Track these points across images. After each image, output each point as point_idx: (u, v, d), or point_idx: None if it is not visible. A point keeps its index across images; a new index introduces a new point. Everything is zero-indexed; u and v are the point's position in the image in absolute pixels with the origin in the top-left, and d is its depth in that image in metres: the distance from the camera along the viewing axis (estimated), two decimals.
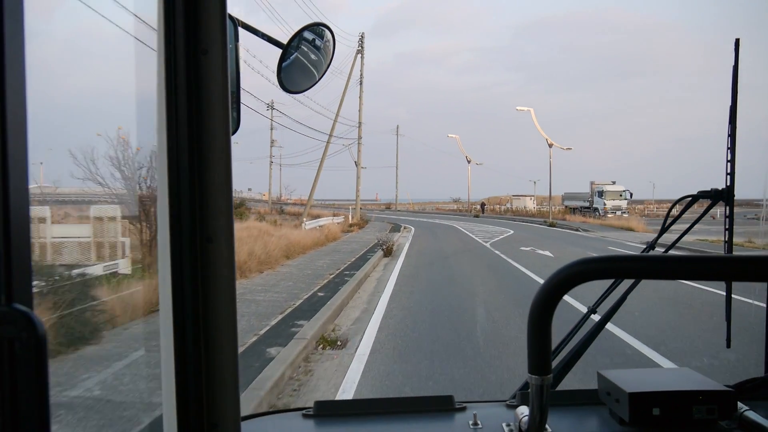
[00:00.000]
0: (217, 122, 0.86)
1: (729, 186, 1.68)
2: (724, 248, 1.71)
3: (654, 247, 1.84)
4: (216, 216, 0.86)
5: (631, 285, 1.75)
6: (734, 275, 0.85)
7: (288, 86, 1.44)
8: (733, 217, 1.70)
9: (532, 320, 0.84)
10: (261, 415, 1.41)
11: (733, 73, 1.66)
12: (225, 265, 0.87)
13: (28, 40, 0.57)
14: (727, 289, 1.75)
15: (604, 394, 1.32)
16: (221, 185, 0.86)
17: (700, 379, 1.30)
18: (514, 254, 17.91)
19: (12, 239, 0.55)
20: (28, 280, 0.57)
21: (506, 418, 1.29)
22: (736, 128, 1.67)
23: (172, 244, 0.85)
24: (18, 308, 0.54)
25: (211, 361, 0.86)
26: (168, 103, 0.84)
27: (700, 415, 1.20)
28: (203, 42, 0.85)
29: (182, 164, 0.85)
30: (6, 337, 0.53)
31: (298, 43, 1.45)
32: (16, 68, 0.56)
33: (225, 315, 0.86)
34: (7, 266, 0.55)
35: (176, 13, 0.84)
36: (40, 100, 14.16)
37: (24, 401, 0.54)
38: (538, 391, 0.88)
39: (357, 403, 1.41)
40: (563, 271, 0.83)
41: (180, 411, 0.85)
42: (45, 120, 16.43)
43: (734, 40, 1.66)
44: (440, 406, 1.38)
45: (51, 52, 27.59)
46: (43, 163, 11.38)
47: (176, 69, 0.84)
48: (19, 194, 0.56)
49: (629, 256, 0.84)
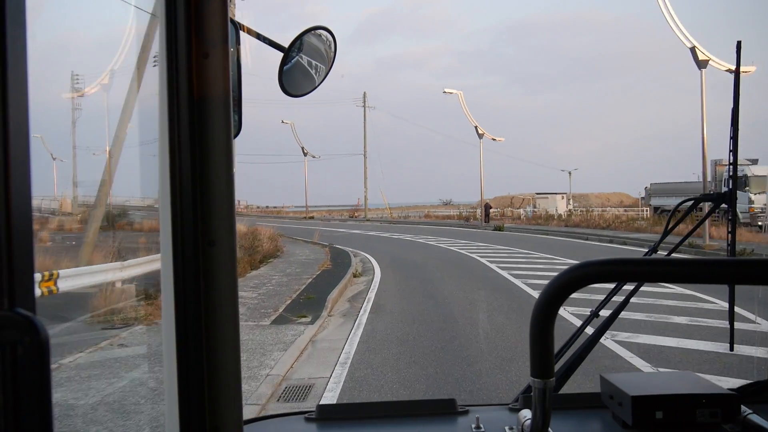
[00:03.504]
0: (218, 126, 0.86)
1: (731, 189, 1.67)
2: (727, 251, 1.71)
3: (656, 250, 1.83)
4: (218, 220, 0.86)
5: (634, 288, 1.75)
6: (737, 278, 0.85)
7: (289, 89, 1.45)
8: (735, 219, 1.69)
9: (535, 323, 0.84)
10: (263, 418, 1.40)
11: (735, 76, 1.66)
12: (227, 269, 0.86)
13: (30, 43, 0.57)
14: (730, 292, 1.75)
15: (606, 398, 1.31)
16: (223, 189, 0.86)
17: (704, 382, 1.30)
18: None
19: (14, 243, 0.55)
20: (31, 285, 0.57)
21: (509, 422, 1.29)
22: (738, 131, 1.67)
23: (174, 248, 0.85)
24: (20, 313, 0.54)
25: (213, 365, 0.86)
26: (170, 106, 0.85)
27: (704, 418, 1.20)
28: (205, 45, 0.85)
29: (184, 168, 0.85)
30: (9, 342, 0.53)
31: (300, 47, 1.45)
32: (19, 70, 0.56)
33: (227, 319, 0.86)
34: (9, 270, 0.55)
35: (178, 16, 0.84)
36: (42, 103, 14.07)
37: (26, 406, 0.54)
38: (540, 395, 0.88)
39: (359, 406, 1.41)
40: (565, 274, 0.83)
41: (182, 414, 0.85)
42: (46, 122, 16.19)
43: (736, 42, 1.66)
44: (442, 409, 1.38)
45: (52, 54, 27.68)
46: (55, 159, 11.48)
47: (178, 72, 0.84)
48: (22, 197, 0.56)
49: (632, 260, 0.84)
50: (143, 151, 8.17)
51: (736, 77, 1.65)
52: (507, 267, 15.01)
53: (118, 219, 21.86)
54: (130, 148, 12.17)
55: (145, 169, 6.87)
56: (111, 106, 28.59)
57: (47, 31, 25.49)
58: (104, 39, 28.18)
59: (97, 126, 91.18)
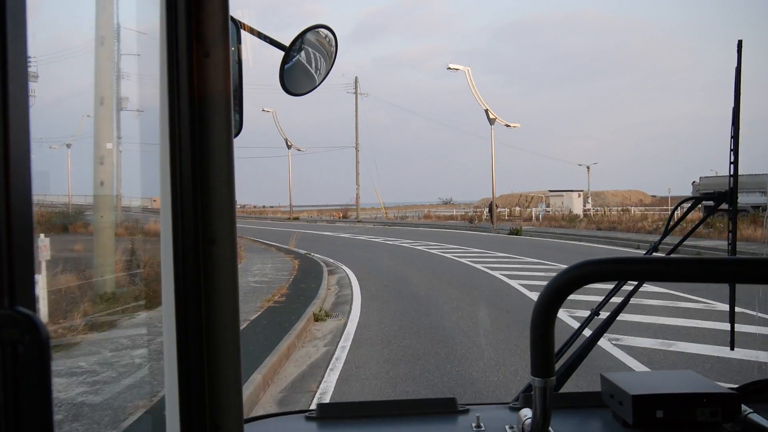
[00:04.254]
0: (219, 125, 0.86)
1: (732, 188, 1.67)
2: (728, 250, 1.71)
3: (657, 249, 1.83)
4: (218, 218, 0.86)
5: (634, 287, 1.75)
6: (738, 277, 0.85)
7: (290, 88, 1.45)
8: (736, 219, 1.69)
9: (535, 322, 0.84)
10: (264, 417, 1.41)
11: (736, 75, 1.66)
12: (227, 268, 0.87)
13: (30, 43, 0.57)
14: (730, 291, 1.75)
15: (607, 397, 1.31)
16: (224, 188, 0.86)
17: (704, 381, 1.30)
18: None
19: (14, 241, 0.55)
20: (31, 283, 0.57)
21: (509, 421, 1.29)
22: (739, 130, 1.67)
23: (175, 247, 0.85)
24: (21, 311, 0.54)
25: (213, 364, 0.86)
26: (170, 105, 0.85)
27: (704, 417, 1.20)
28: (205, 45, 0.85)
29: (184, 167, 0.85)
30: (9, 340, 0.53)
31: (300, 45, 1.45)
32: (19, 70, 0.56)
33: (228, 318, 0.86)
34: (9, 269, 0.55)
35: (178, 15, 0.84)
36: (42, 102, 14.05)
37: (27, 404, 0.54)
38: (541, 394, 0.88)
39: (360, 405, 1.41)
40: (566, 273, 0.83)
41: (183, 413, 0.85)
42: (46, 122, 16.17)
43: (737, 41, 1.66)
44: (443, 408, 1.38)
45: (53, 55, 27.80)
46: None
47: (178, 72, 0.84)
48: (22, 197, 0.56)
49: (633, 258, 0.84)
50: (143, 151, 8.17)
51: (736, 77, 1.65)
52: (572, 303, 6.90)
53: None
54: (130, 148, 12.13)
55: (145, 169, 6.87)
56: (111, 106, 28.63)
57: (46, 29, 25.69)
58: (103, 37, 28.65)
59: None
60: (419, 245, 22.10)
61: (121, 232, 15.81)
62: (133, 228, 17.72)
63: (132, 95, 20.11)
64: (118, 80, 17.94)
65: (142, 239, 14.17)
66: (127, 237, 14.26)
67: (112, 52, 10.25)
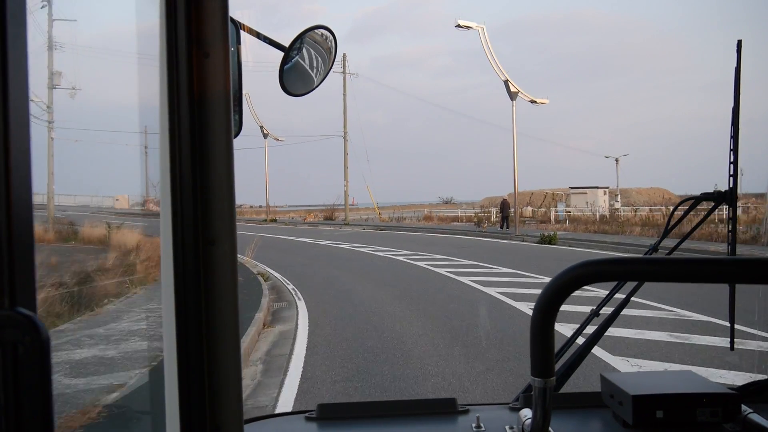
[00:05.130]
0: (218, 125, 0.86)
1: (732, 188, 1.67)
2: (728, 250, 1.71)
3: (657, 249, 1.83)
4: (218, 219, 0.86)
5: (635, 287, 1.75)
6: (738, 277, 0.85)
7: (290, 89, 1.45)
8: (736, 218, 1.69)
9: (535, 322, 0.84)
10: (264, 417, 1.41)
11: (735, 75, 1.66)
12: (227, 268, 0.87)
13: (30, 45, 0.57)
14: (730, 291, 1.75)
15: (607, 397, 1.31)
16: (223, 188, 0.86)
17: (704, 381, 1.30)
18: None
19: (15, 242, 0.55)
20: (32, 284, 0.57)
21: (509, 421, 1.29)
22: (738, 130, 1.67)
23: (175, 247, 0.85)
24: (21, 312, 0.54)
25: (213, 364, 0.86)
26: (170, 106, 0.85)
27: (704, 417, 1.20)
28: (205, 45, 0.85)
29: (184, 167, 0.85)
30: (9, 341, 0.53)
31: (300, 46, 1.45)
32: (19, 69, 0.56)
33: (227, 318, 0.86)
34: (10, 270, 0.55)
35: (177, 16, 0.84)
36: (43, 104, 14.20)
37: (27, 405, 0.54)
38: (541, 394, 0.88)
39: (360, 405, 1.41)
40: (566, 273, 0.83)
41: (183, 414, 0.85)
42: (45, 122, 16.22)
43: (736, 41, 1.66)
44: (443, 408, 1.38)
45: (53, 56, 27.88)
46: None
47: (178, 72, 0.84)
48: (22, 197, 0.56)
49: (633, 258, 0.84)
50: (144, 150, 8.15)
51: (736, 77, 1.65)
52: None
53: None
54: (131, 148, 12.09)
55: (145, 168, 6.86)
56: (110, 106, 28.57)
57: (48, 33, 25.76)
58: (103, 38, 27.61)
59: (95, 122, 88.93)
60: (421, 259, 16.17)
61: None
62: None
63: (132, 95, 20.11)
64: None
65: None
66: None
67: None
